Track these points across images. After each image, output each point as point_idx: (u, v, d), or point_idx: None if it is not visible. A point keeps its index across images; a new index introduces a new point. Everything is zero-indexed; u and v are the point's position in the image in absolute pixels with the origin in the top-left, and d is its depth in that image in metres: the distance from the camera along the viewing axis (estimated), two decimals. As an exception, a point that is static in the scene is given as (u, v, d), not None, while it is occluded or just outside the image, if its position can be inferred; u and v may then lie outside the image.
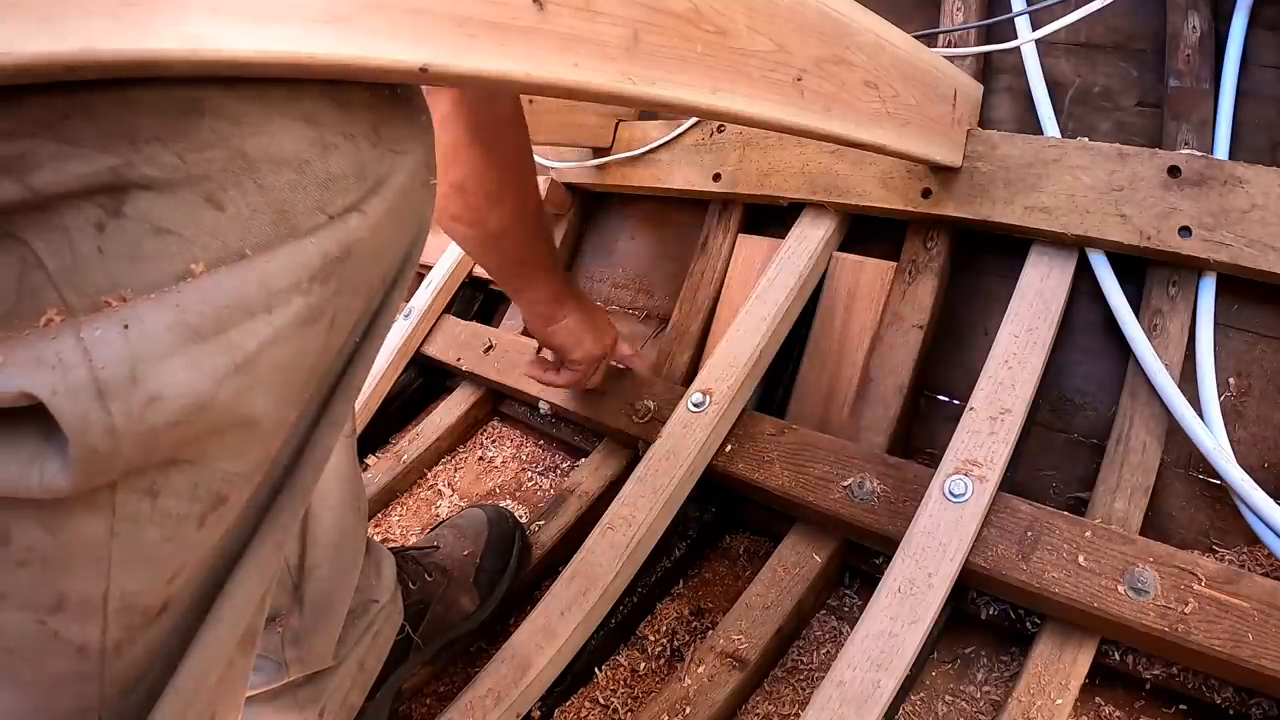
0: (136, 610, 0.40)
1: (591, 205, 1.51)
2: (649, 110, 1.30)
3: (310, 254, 0.37)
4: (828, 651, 0.91)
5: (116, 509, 0.36)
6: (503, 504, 1.21)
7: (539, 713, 0.88)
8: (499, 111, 0.80)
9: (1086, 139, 0.92)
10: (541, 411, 1.23)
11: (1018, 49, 1.02)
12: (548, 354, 1.08)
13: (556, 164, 1.43)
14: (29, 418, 0.32)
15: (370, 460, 1.36)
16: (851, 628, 0.80)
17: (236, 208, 0.35)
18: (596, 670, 0.94)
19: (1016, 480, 0.93)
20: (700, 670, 0.87)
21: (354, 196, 0.39)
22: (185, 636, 0.44)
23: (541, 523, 1.09)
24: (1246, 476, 0.77)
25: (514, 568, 1.01)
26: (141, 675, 0.43)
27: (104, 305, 0.32)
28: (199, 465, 0.37)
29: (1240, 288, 0.87)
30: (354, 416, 0.91)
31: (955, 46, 1.09)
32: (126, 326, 0.32)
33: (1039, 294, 0.91)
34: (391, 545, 1.01)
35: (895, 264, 1.05)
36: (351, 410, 0.69)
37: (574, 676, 0.91)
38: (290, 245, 0.37)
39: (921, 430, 1.03)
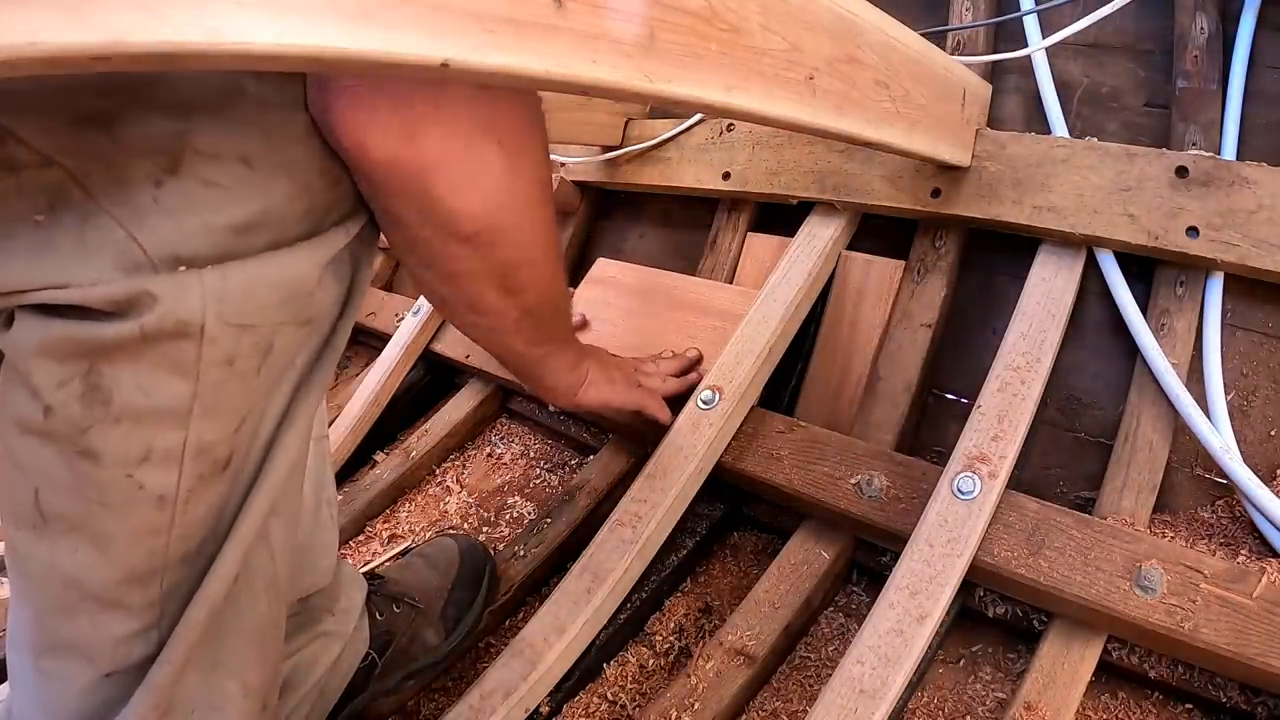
0: (208, 459, 0.48)
1: (601, 203, 1.51)
2: (663, 108, 1.31)
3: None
4: (835, 648, 0.91)
5: (201, 368, 0.45)
6: (511, 500, 1.22)
7: (547, 708, 0.88)
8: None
9: (1095, 139, 0.92)
10: (550, 408, 1.24)
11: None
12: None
13: (566, 159, 1.43)
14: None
15: (378, 457, 1.36)
16: (859, 625, 0.81)
17: (262, 165, 0.43)
18: (605, 666, 0.94)
19: (1024, 478, 0.94)
20: (708, 666, 0.87)
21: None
22: (237, 506, 0.52)
23: (550, 519, 1.09)
24: (1253, 475, 0.77)
25: (482, 602, 0.99)
26: (200, 541, 0.51)
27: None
28: (261, 325, 0.47)
29: (1247, 288, 0.87)
30: (325, 420, 0.90)
31: (964, 45, 1.10)
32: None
33: (1047, 293, 0.91)
34: (363, 568, 1.01)
35: (904, 263, 1.06)
36: (323, 405, 0.80)
37: (583, 672, 0.91)
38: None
39: (930, 428, 1.03)
